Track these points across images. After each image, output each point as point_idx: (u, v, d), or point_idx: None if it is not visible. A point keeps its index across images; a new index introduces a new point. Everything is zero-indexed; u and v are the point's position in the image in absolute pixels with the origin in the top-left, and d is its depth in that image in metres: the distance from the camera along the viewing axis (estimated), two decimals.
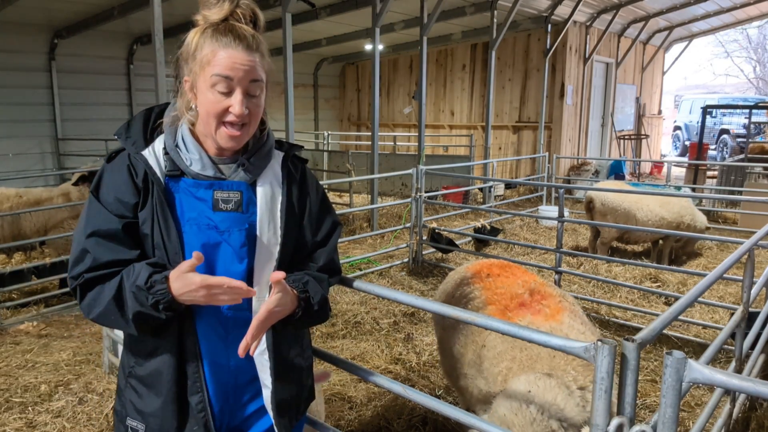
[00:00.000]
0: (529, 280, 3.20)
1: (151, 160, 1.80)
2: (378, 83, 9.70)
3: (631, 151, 17.89)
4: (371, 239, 8.99)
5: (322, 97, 19.59)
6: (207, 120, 1.77)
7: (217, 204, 1.82)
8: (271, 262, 1.88)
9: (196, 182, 1.82)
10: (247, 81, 1.74)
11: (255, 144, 1.93)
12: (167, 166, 1.81)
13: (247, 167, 1.87)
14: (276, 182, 1.94)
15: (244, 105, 1.74)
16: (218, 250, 1.82)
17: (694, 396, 4.26)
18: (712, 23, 17.94)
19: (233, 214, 1.84)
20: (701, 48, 37.77)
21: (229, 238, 1.83)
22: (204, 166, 1.83)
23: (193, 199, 1.81)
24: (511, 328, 1.88)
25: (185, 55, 1.79)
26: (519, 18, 13.37)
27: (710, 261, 7.97)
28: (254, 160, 1.90)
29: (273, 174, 1.95)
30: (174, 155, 1.82)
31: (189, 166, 1.81)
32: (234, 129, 1.76)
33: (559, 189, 6.61)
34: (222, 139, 1.78)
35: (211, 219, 1.81)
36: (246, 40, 1.75)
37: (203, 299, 1.67)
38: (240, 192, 1.85)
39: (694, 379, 1.50)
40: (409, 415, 4.04)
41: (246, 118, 1.76)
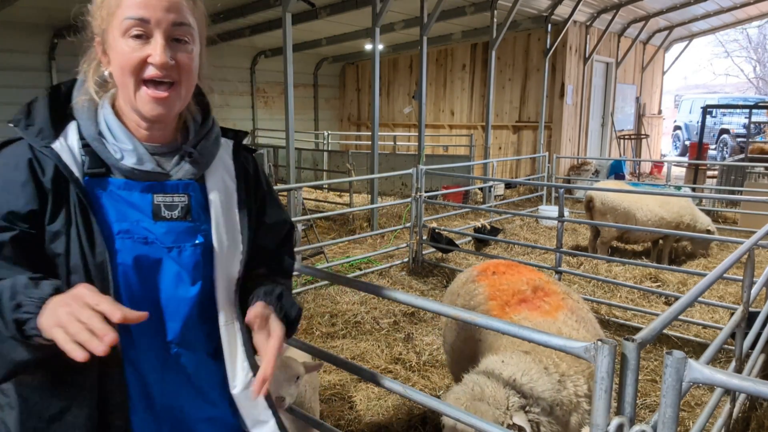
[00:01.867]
0: (535, 278, 3.22)
1: (65, 155, 1.35)
2: (378, 83, 9.69)
3: (631, 151, 17.88)
4: (371, 239, 8.99)
5: (322, 96, 19.60)
6: (123, 81, 1.35)
7: (158, 211, 1.41)
8: (232, 280, 1.52)
9: (127, 183, 1.39)
10: (169, 23, 1.34)
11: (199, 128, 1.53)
12: (87, 163, 1.37)
13: (195, 158, 1.48)
14: (229, 177, 1.56)
15: (168, 53, 1.34)
16: (161, 272, 1.41)
17: (694, 396, 4.26)
18: (712, 23, 17.94)
19: (180, 224, 1.44)
20: (701, 48, 37.79)
21: (178, 257, 1.42)
22: (141, 158, 1.40)
23: (124, 206, 1.39)
24: (510, 328, 1.88)
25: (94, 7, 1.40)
26: (519, 18, 13.37)
27: (710, 261, 7.97)
28: (201, 148, 1.50)
29: (224, 167, 1.57)
30: (98, 147, 1.38)
31: (120, 161, 1.39)
32: (159, 90, 1.35)
33: (559, 189, 6.61)
34: (144, 104, 1.36)
35: (150, 231, 1.39)
36: None
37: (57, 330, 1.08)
38: (187, 195, 1.46)
39: (694, 379, 1.50)
40: (409, 414, 4.04)
41: (173, 72, 1.36)
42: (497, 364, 2.41)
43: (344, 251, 8.48)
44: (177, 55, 1.36)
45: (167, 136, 1.48)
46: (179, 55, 1.37)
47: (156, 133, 1.45)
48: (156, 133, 1.45)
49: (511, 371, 2.35)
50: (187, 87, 1.42)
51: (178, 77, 1.37)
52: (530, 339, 1.84)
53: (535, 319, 2.78)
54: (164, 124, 1.46)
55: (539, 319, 2.78)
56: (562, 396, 2.35)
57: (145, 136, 1.44)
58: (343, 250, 8.58)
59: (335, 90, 20.15)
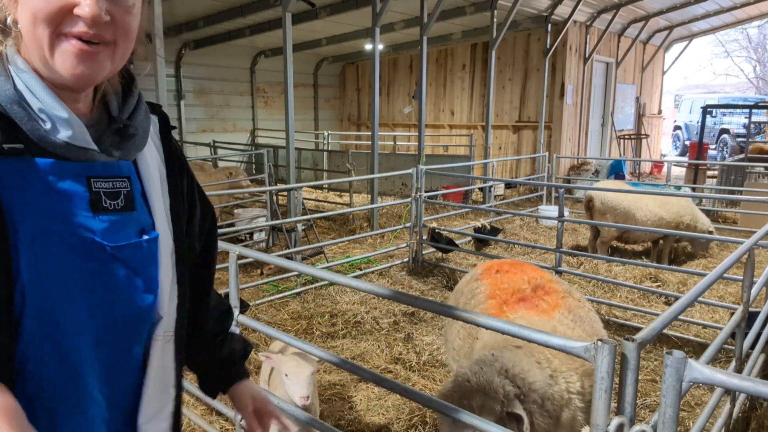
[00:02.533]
0: (537, 276, 3.23)
1: None
2: (378, 83, 9.69)
3: (631, 151, 17.88)
4: (371, 239, 8.99)
5: (322, 96, 19.60)
6: (34, 32, 0.98)
7: (98, 201, 1.06)
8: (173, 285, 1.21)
9: (57, 163, 1.02)
10: None
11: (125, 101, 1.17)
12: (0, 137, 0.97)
13: (133, 132, 1.14)
14: (160, 159, 1.24)
15: (103, 6, 0.99)
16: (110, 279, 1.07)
17: (694, 396, 4.26)
18: (712, 23, 17.93)
19: (125, 216, 1.10)
20: (701, 48, 37.78)
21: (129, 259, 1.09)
22: (78, 131, 1.04)
23: (53, 195, 1.01)
24: (511, 328, 1.88)
25: None
26: (519, 18, 13.37)
27: (710, 261, 7.97)
28: (139, 121, 1.17)
29: (154, 147, 1.24)
30: (17, 112, 0.99)
31: (50, 133, 1.01)
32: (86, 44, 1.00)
33: (559, 189, 6.61)
34: (65, 61, 1.00)
35: (88, 228, 1.04)
36: None
37: None
38: (128, 177, 1.13)
39: (694, 379, 1.50)
40: (410, 414, 4.04)
41: (107, 31, 1.02)
42: (488, 357, 2.43)
43: (344, 251, 8.48)
44: (112, 9, 1.01)
45: (83, 110, 1.11)
46: (116, 10, 1.02)
47: (70, 105, 1.05)
48: (70, 105, 1.05)
49: (502, 363, 2.37)
50: (123, 50, 1.08)
51: (113, 37, 1.04)
52: (529, 339, 1.84)
53: (530, 318, 2.79)
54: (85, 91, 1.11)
55: (535, 318, 2.79)
56: (554, 390, 2.37)
57: None
58: (343, 250, 8.58)
59: (335, 90, 20.15)
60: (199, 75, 16.15)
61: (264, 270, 7.20)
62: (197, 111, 16.38)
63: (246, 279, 6.76)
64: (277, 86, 17.95)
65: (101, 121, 1.13)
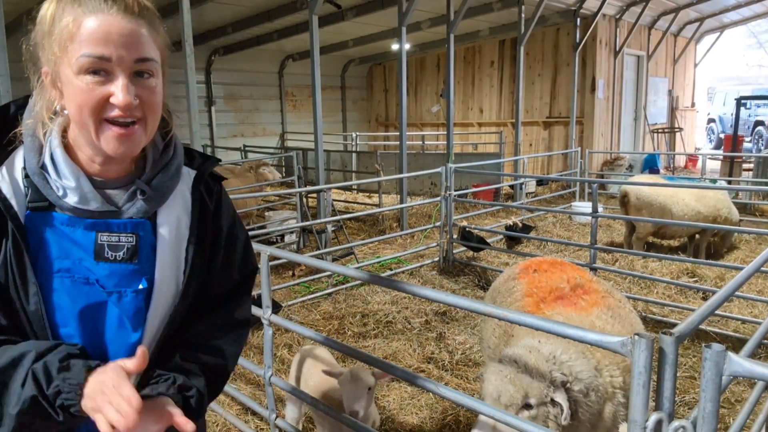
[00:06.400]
0: (576, 276, 3.19)
1: (6, 187, 1.27)
2: (405, 83, 9.68)
3: (665, 145, 17.58)
4: (401, 239, 8.98)
5: (350, 98, 19.67)
6: (81, 120, 1.24)
7: (101, 252, 1.31)
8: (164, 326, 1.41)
9: (71, 219, 1.30)
10: (131, 60, 1.22)
11: (158, 159, 1.40)
12: (31, 196, 1.28)
13: (149, 196, 1.35)
14: (185, 214, 1.43)
15: (132, 92, 1.22)
16: (104, 315, 1.33)
17: (734, 392, 4.16)
18: (743, 13, 17.52)
19: (124, 266, 1.33)
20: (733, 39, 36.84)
21: (120, 302, 1.33)
22: (83, 197, 1.29)
23: (67, 242, 1.30)
24: (545, 324, 1.86)
25: (41, 37, 1.26)
26: (547, 12, 13.23)
27: (748, 254, 7.79)
28: (157, 183, 1.37)
29: (182, 202, 1.43)
30: (38, 181, 1.28)
31: (61, 198, 1.29)
32: (123, 127, 1.24)
33: (593, 184, 6.52)
34: (109, 144, 1.25)
35: (91, 272, 1.30)
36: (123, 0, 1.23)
37: (99, 415, 1.14)
38: (136, 234, 1.34)
39: (734, 372, 1.46)
40: (443, 414, 4.03)
41: (137, 111, 1.25)
42: (535, 342, 2.41)
43: (374, 252, 8.49)
44: (140, 93, 1.25)
45: (124, 169, 1.37)
46: (143, 93, 1.25)
47: (111, 168, 1.34)
48: (111, 168, 1.34)
49: (550, 349, 2.34)
50: (152, 123, 1.31)
51: (143, 114, 1.27)
52: (564, 334, 1.81)
53: (568, 314, 2.76)
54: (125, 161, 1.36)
55: (572, 314, 2.75)
56: (599, 382, 2.34)
57: (99, 171, 1.34)
58: (373, 250, 8.59)
59: (362, 91, 20.20)
60: (229, 80, 16.34)
61: (296, 271, 7.24)
62: (227, 116, 16.57)
63: (278, 280, 6.81)
64: (305, 89, 18.06)
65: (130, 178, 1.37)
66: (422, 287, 2.34)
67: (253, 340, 5.28)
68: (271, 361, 3.25)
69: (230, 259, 1.56)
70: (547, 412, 2.20)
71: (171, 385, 1.30)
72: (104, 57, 1.20)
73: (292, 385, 3.37)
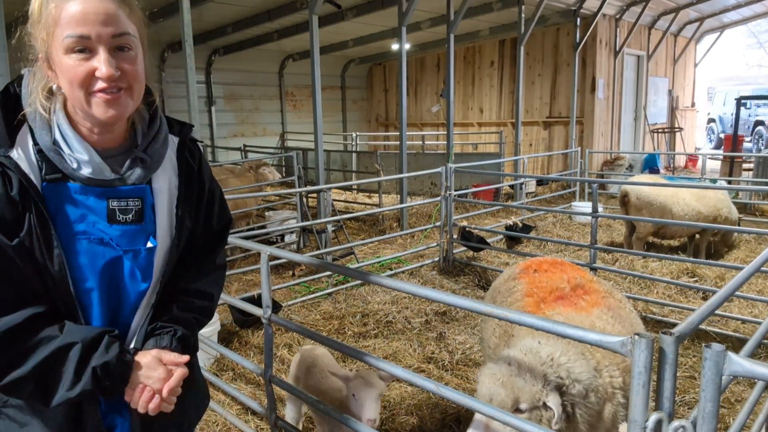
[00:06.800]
0: (577, 276, 3.19)
1: (24, 164, 1.42)
2: (405, 83, 9.68)
3: (665, 145, 17.58)
4: (401, 239, 8.98)
5: (350, 98, 19.67)
6: (74, 95, 1.41)
7: (113, 215, 1.50)
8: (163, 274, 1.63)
9: (84, 188, 1.47)
10: (109, 35, 1.38)
11: (147, 131, 1.59)
12: (45, 169, 1.44)
13: (147, 164, 1.55)
14: (174, 176, 1.64)
15: (113, 64, 1.39)
16: (120, 269, 1.53)
17: (734, 392, 4.16)
18: (743, 13, 17.52)
19: (133, 227, 1.53)
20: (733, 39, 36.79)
21: (134, 258, 1.54)
22: (97, 168, 1.47)
23: (82, 209, 1.48)
24: (545, 324, 1.86)
25: (31, 26, 1.44)
26: (547, 12, 13.23)
27: (748, 254, 7.79)
28: (151, 151, 1.57)
29: (171, 167, 1.64)
30: (54, 157, 1.45)
31: (77, 171, 1.46)
32: (108, 93, 1.40)
33: (593, 184, 6.52)
34: (98, 108, 1.41)
35: (105, 233, 1.49)
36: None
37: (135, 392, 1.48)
38: (141, 199, 1.54)
39: (734, 372, 1.46)
40: (443, 414, 4.02)
41: (121, 81, 1.41)
42: (534, 344, 2.40)
43: (374, 251, 8.49)
44: (121, 65, 1.41)
45: (117, 139, 1.55)
46: (123, 64, 1.42)
47: (107, 137, 1.52)
48: (107, 137, 1.52)
49: (549, 350, 2.33)
50: (138, 90, 1.48)
51: (127, 84, 1.44)
52: (564, 334, 1.81)
53: (568, 314, 2.75)
54: (116, 126, 1.52)
55: (573, 314, 2.75)
56: (598, 383, 2.33)
57: (97, 141, 1.50)
58: (373, 250, 8.59)
59: (363, 91, 20.20)
60: (229, 80, 16.34)
61: (296, 271, 7.24)
62: (228, 116, 16.57)
63: (278, 280, 6.81)
64: (305, 89, 18.06)
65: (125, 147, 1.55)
66: (422, 287, 2.34)
67: (253, 340, 5.28)
68: (271, 361, 3.25)
69: (210, 212, 1.78)
70: (540, 416, 2.20)
71: (172, 338, 1.58)
72: (84, 36, 1.36)
73: (292, 385, 3.37)
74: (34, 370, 1.38)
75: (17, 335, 1.37)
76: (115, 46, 1.40)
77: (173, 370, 1.53)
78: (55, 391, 1.40)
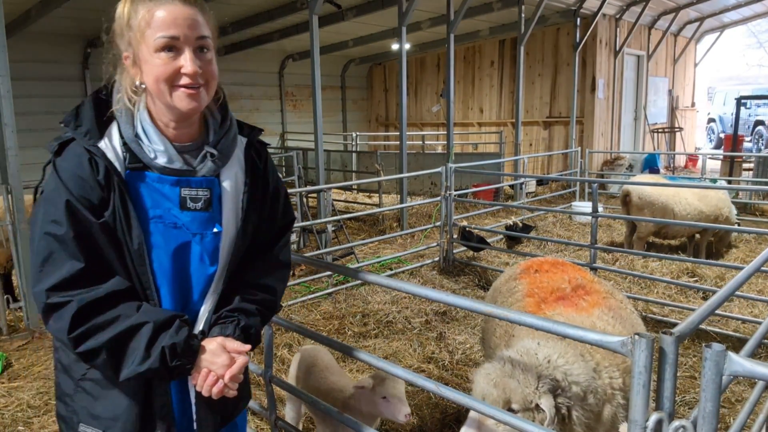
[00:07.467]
0: (578, 276, 3.18)
1: (110, 153, 1.61)
2: (405, 83, 9.68)
3: (665, 145, 17.57)
4: (401, 239, 8.98)
5: (350, 98, 19.66)
6: (158, 88, 1.60)
7: (184, 203, 1.68)
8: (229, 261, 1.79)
9: (161, 177, 1.66)
10: (194, 38, 1.59)
11: (219, 128, 1.77)
12: (128, 159, 1.63)
13: (216, 158, 1.72)
14: (240, 172, 1.80)
15: (196, 63, 1.59)
16: (189, 252, 1.70)
17: (735, 392, 4.16)
18: (743, 13, 17.52)
19: (202, 213, 1.70)
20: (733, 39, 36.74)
21: (201, 242, 1.71)
22: (170, 158, 1.66)
23: (158, 195, 1.66)
24: (545, 324, 1.86)
25: (119, 30, 1.62)
26: (547, 12, 13.23)
27: (748, 254, 7.79)
28: (221, 147, 1.75)
29: (238, 163, 1.80)
30: (135, 147, 1.64)
31: (153, 160, 1.65)
32: (191, 88, 1.60)
33: (593, 184, 6.52)
34: (180, 101, 1.60)
35: (178, 218, 1.67)
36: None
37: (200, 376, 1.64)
38: (210, 189, 1.72)
39: (734, 372, 1.46)
40: (443, 414, 4.02)
41: (201, 77, 1.61)
42: (533, 345, 2.39)
43: (374, 251, 8.49)
44: (201, 64, 1.61)
45: (192, 133, 1.73)
46: (203, 64, 1.61)
47: (183, 131, 1.70)
48: (183, 131, 1.70)
49: (547, 352, 2.32)
50: (212, 88, 1.68)
51: (205, 80, 1.62)
52: (565, 334, 1.81)
53: (569, 315, 2.75)
54: (191, 121, 1.70)
55: (573, 315, 2.74)
56: (597, 384, 2.32)
57: (174, 135, 1.69)
58: (373, 250, 8.59)
59: (363, 91, 20.19)
60: (230, 80, 16.32)
61: (296, 271, 7.24)
62: None
63: None
64: (306, 89, 18.05)
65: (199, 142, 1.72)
66: (422, 287, 2.34)
67: None
68: (271, 361, 3.24)
69: (274, 209, 1.93)
70: (532, 417, 2.19)
71: (236, 327, 1.72)
72: (174, 36, 1.56)
73: (292, 385, 3.37)
74: (109, 343, 1.53)
75: (98, 307, 1.54)
76: (197, 47, 1.60)
77: (236, 357, 1.65)
78: (126, 364, 1.55)
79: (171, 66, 1.57)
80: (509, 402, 2.19)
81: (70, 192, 1.56)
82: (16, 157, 5.42)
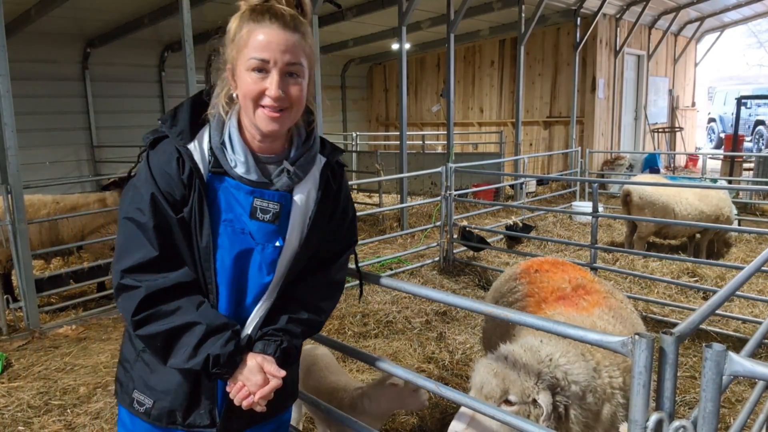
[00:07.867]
0: (578, 276, 3.18)
1: (197, 155, 1.73)
2: (405, 82, 9.68)
3: (665, 145, 17.57)
4: (401, 239, 8.98)
5: (350, 98, 19.65)
6: (245, 104, 1.71)
7: (254, 212, 1.76)
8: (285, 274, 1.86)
9: (238, 184, 1.75)
10: (284, 63, 1.66)
11: (301, 146, 1.85)
12: (212, 162, 1.75)
13: (292, 174, 1.80)
14: (313, 191, 1.86)
15: (280, 87, 1.66)
16: (249, 259, 1.79)
17: (735, 392, 4.16)
18: (744, 13, 17.52)
19: (268, 225, 1.78)
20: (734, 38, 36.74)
21: (262, 252, 1.79)
22: (248, 169, 1.76)
23: (233, 200, 1.76)
24: (545, 324, 1.85)
25: (227, 42, 1.74)
26: (547, 12, 13.23)
27: (748, 254, 7.79)
28: (300, 165, 1.82)
29: (313, 181, 1.87)
30: (219, 154, 1.75)
31: (233, 168, 1.75)
32: (273, 110, 1.68)
33: (593, 184, 6.51)
34: (261, 121, 1.70)
35: (246, 225, 1.76)
36: (282, 18, 1.66)
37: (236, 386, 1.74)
38: (280, 204, 1.79)
39: (735, 372, 1.46)
40: (443, 413, 4.02)
41: (284, 101, 1.68)
42: (536, 342, 2.39)
43: (375, 251, 8.49)
44: (288, 88, 1.68)
45: (276, 147, 1.82)
46: (290, 88, 1.69)
47: (266, 145, 1.79)
48: (266, 145, 1.79)
49: (550, 350, 2.32)
50: (296, 112, 1.76)
51: (289, 105, 1.70)
52: (565, 334, 1.81)
53: (569, 314, 2.74)
54: (275, 137, 1.79)
55: (574, 314, 2.74)
56: (597, 383, 2.32)
57: (258, 147, 1.79)
58: (373, 250, 8.59)
59: (363, 91, 20.19)
60: None
61: None
62: None
63: None
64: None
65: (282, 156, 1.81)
66: (422, 287, 2.34)
67: None
68: None
69: (338, 232, 1.98)
70: (528, 412, 2.20)
71: (278, 347, 1.79)
72: (265, 59, 1.65)
73: None
74: (166, 333, 1.66)
75: (164, 296, 1.67)
76: (286, 72, 1.67)
77: (270, 379, 1.74)
78: (174, 354, 1.68)
79: (258, 86, 1.66)
80: (507, 392, 2.20)
81: (157, 185, 1.69)
82: (16, 157, 5.42)
